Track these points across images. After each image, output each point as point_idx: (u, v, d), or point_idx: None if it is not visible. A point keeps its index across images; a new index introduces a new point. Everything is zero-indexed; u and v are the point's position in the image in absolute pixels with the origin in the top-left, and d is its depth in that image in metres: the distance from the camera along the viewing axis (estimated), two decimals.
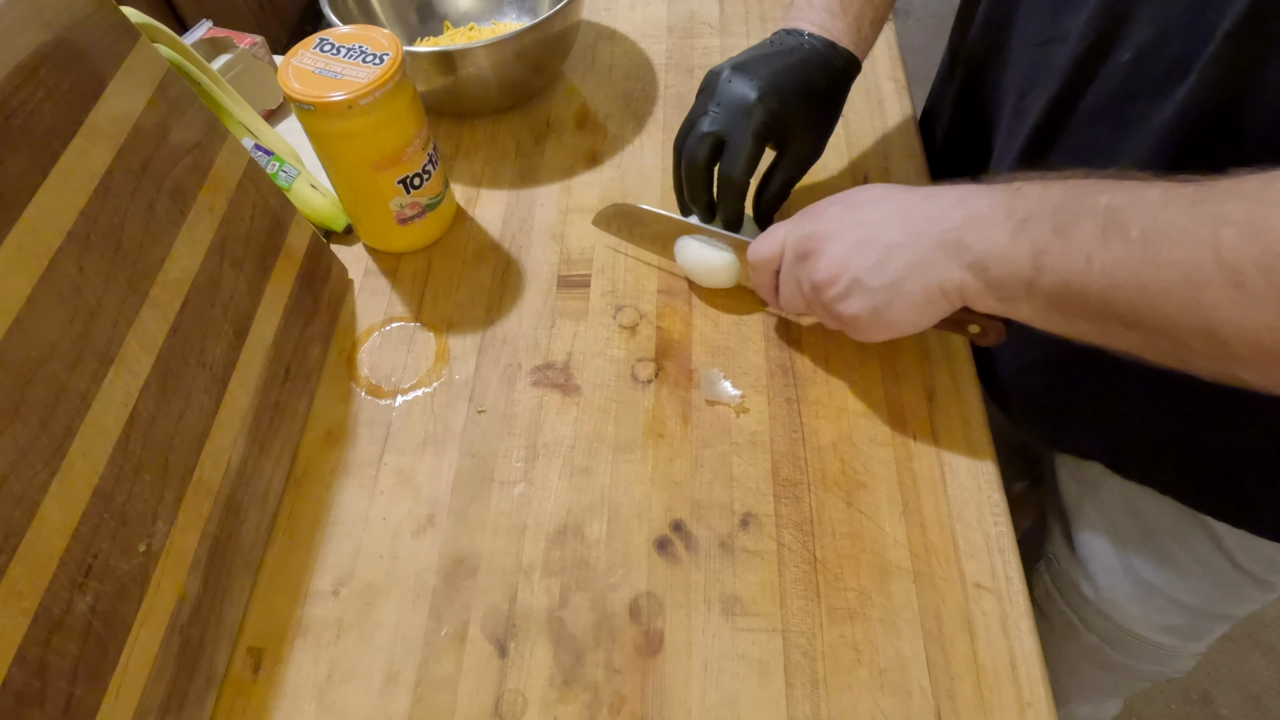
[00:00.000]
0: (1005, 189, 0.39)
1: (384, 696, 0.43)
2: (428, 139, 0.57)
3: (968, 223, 0.39)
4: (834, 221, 0.45)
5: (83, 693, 0.35)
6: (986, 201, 0.39)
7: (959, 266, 0.39)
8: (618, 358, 0.55)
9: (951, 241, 0.39)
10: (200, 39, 0.70)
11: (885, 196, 0.44)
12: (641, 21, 0.79)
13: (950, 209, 0.40)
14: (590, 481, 0.50)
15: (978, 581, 0.44)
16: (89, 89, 0.41)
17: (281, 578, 0.47)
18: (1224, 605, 0.58)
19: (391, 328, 0.58)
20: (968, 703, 0.41)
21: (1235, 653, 1.21)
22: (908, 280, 0.41)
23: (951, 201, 0.40)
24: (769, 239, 0.49)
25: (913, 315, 0.43)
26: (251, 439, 0.48)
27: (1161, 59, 0.39)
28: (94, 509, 0.37)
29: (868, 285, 0.43)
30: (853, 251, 0.43)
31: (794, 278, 0.47)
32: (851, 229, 0.44)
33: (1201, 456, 0.49)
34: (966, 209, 0.39)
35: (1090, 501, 0.59)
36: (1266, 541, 0.51)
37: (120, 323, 0.40)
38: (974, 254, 0.39)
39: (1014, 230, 0.37)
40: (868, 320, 0.44)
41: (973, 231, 0.39)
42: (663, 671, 0.43)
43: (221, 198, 0.49)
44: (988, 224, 0.38)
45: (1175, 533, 0.54)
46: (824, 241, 0.45)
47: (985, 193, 0.39)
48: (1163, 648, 0.63)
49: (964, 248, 0.39)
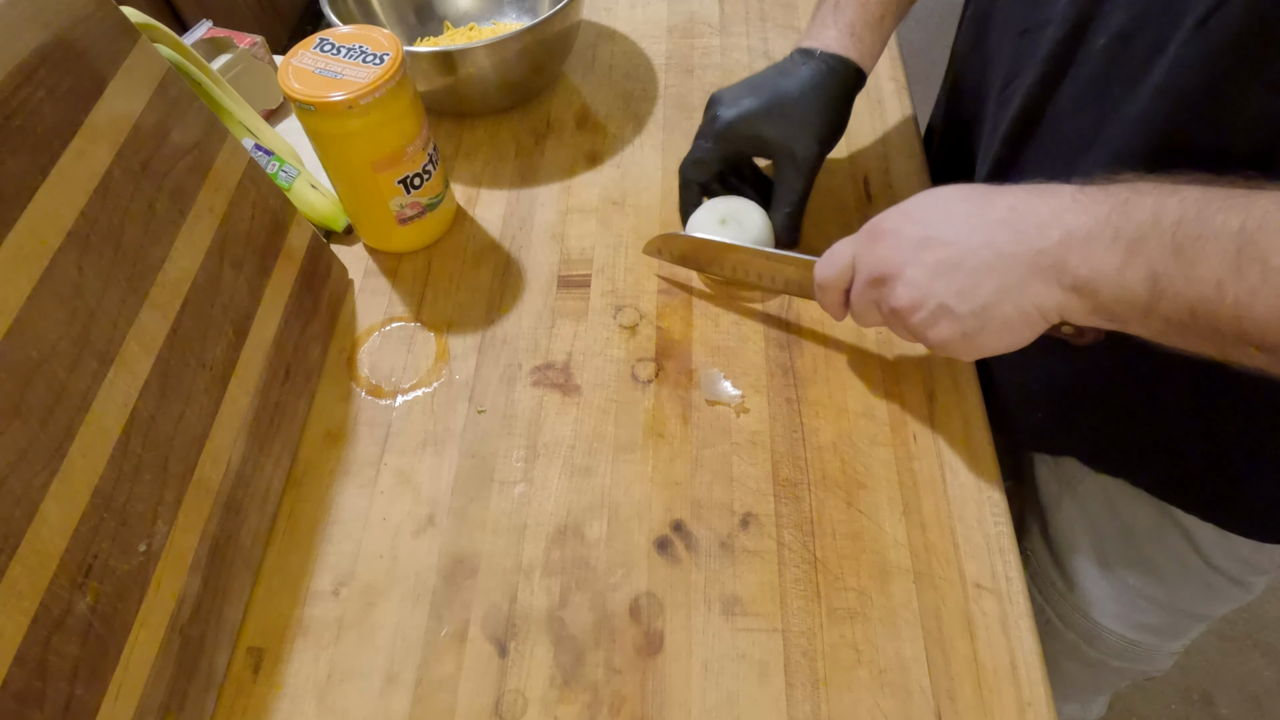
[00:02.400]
0: (1108, 200, 0.35)
1: (384, 696, 0.43)
2: (428, 139, 0.57)
3: (1068, 242, 0.35)
4: (907, 242, 0.41)
5: (83, 693, 0.35)
6: (1089, 217, 0.35)
7: (1060, 289, 0.36)
8: (618, 358, 0.55)
9: (1049, 265, 0.36)
10: (200, 39, 0.70)
11: (960, 206, 0.40)
12: (641, 21, 0.79)
13: (1044, 225, 0.36)
14: (590, 481, 0.50)
15: (978, 581, 0.44)
16: (89, 89, 0.41)
17: (281, 578, 0.47)
18: (1201, 605, 0.58)
19: (391, 328, 0.58)
20: (968, 703, 0.41)
21: (1235, 653, 1.21)
22: (1001, 305, 0.38)
23: (1045, 216, 0.37)
24: (836, 260, 0.46)
25: (1006, 338, 0.40)
26: (251, 439, 0.48)
27: (1136, 45, 0.39)
28: (94, 509, 0.37)
29: (956, 312, 0.40)
30: (934, 276, 0.40)
31: (869, 299, 0.45)
32: (929, 250, 0.40)
33: (1175, 453, 0.50)
34: (1063, 227, 0.36)
35: (1069, 498, 0.59)
36: (1241, 541, 0.51)
37: (120, 323, 0.40)
38: (1078, 277, 0.35)
39: (1125, 253, 0.34)
40: (958, 344, 0.41)
41: (1075, 254, 0.35)
42: (663, 671, 0.43)
43: (221, 198, 0.49)
44: (1092, 246, 0.35)
45: (1151, 532, 0.54)
46: (900, 265, 0.41)
47: (1085, 207, 0.36)
48: (1140, 646, 0.63)
49: (1065, 270, 0.36)
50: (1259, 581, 0.55)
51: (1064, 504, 0.59)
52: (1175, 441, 0.49)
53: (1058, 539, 0.61)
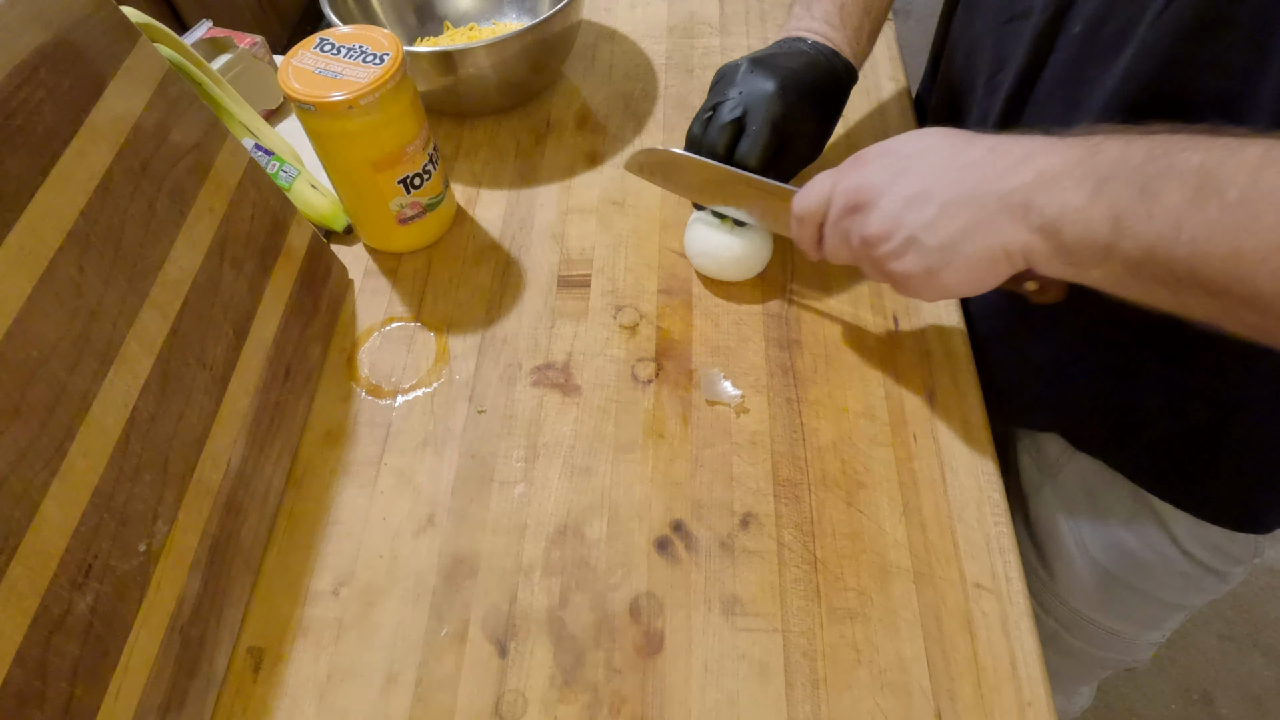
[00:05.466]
0: (1082, 144, 0.35)
1: (384, 696, 0.43)
2: (428, 139, 0.57)
3: (1039, 181, 0.36)
4: (886, 171, 0.42)
5: (83, 693, 0.35)
6: (1061, 159, 0.36)
7: (1026, 229, 0.36)
8: (618, 358, 0.55)
9: (1019, 203, 0.36)
10: (200, 39, 0.70)
11: (941, 145, 0.41)
12: (641, 21, 0.79)
13: (1018, 165, 0.37)
14: (590, 481, 0.50)
15: (978, 581, 0.44)
16: (89, 89, 0.41)
17: (281, 578, 0.47)
18: (1177, 594, 0.58)
19: (391, 328, 0.58)
20: (968, 703, 0.41)
21: (1235, 653, 1.21)
22: (967, 241, 0.39)
23: (1019, 156, 0.37)
24: (815, 189, 0.46)
25: (969, 277, 0.40)
26: (251, 439, 0.48)
27: (1107, 30, 0.40)
28: (94, 509, 0.36)
29: (923, 244, 0.40)
30: (907, 206, 0.40)
31: (842, 230, 0.45)
32: (905, 181, 0.41)
33: (1149, 434, 0.50)
34: (1037, 165, 0.36)
35: (1049, 486, 0.59)
36: (1215, 530, 0.52)
37: (120, 323, 0.40)
38: (1045, 216, 0.36)
39: (1092, 190, 0.34)
40: (920, 280, 0.41)
41: (1044, 191, 0.36)
42: (663, 671, 0.43)
43: (221, 198, 0.49)
44: (1061, 183, 0.35)
45: (1128, 520, 0.55)
46: (876, 194, 0.42)
47: (1058, 148, 0.36)
48: (1120, 635, 0.63)
49: (1033, 209, 0.36)
50: (1236, 572, 0.55)
51: (1044, 491, 0.60)
52: (1150, 423, 0.49)
53: (1038, 527, 0.62)
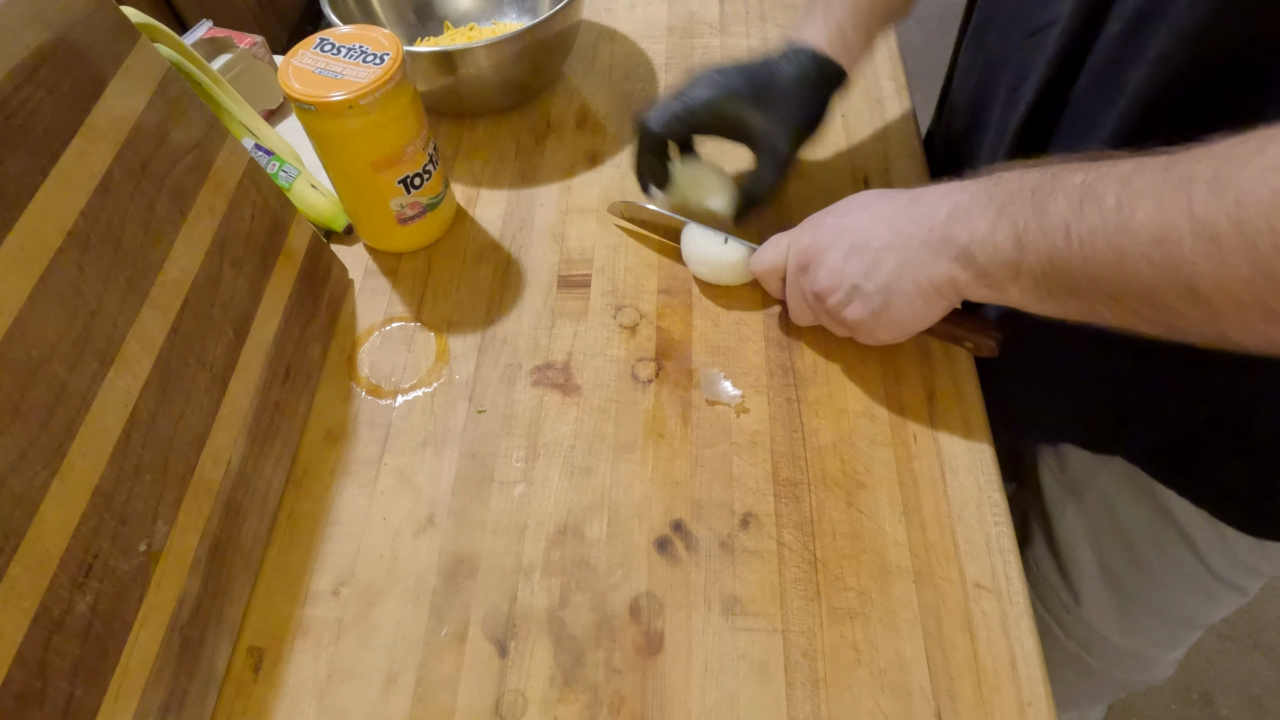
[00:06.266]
0: (986, 180, 0.40)
1: (384, 696, 0.43)
2: (428, 139, 0.57)
3: (952, 216, 0.40)
4: (829, 231, 0.47)
5: (83, 693, 0.35)
6: (969, 194, 0.40)
7: (947, 259, 0.40)
8: (618, 358, 0.55)
9: (938, 238, 0.41)
10: (200, 39, 0.70)
11: (873, 202, 0.46)
12: (641, 21, 0.79)
13: (935, 206, 0.41)
14: (590, 481, 0.50)
15: (978, 581, 0.44)
16: (89, 89, 0.41)
17: (281, 578, 0.47)
18: (1201, 613, 0.58)
19: (391, 328, 0.58)
20: (968, 703, 0.41)
21: (1235, 653, 1.21)
22: (901, 280, 0.43)
23: (935, 199, 0.42)
24: (771, 249, 0.51)
25: (911, 313, 0.44)
26: (251, 439, 0.48)
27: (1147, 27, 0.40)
28: (94, 509, 0.36)
29: (864, 290, 0.44)
30: (847, 258, 0.45)
31: (798, 289, 0.50)
32: (845, 236, 0.45)
33: (1162, 427, 0.50)
34: (950, 203, 0.41)
35: (1073, 505, 0.59)
36: (1240, 543, 0.51)
37: (120, 323, 0.40)
38: (959, 245, 0.40)
39: (995, 215, 0.38)
40: (870, 323, 0.46)
41: (957, 223, 0.40)
42: (663, 671, 0.43)
43: (221, 198, 0.49)
44: (970, 214, 0.39)
45: (1152, 537, 0.54)
46: (821, 252, 0.46)
47: (967, 186, 0.41)
48: (1141, 657, 0.63)
49: (950, 241, 0.40)
50: (1253, 585, 0.55)
51: (1068, 512, 0.59)
52: (1165, 416, 0.49)
53: (1062, 548, 0.61)
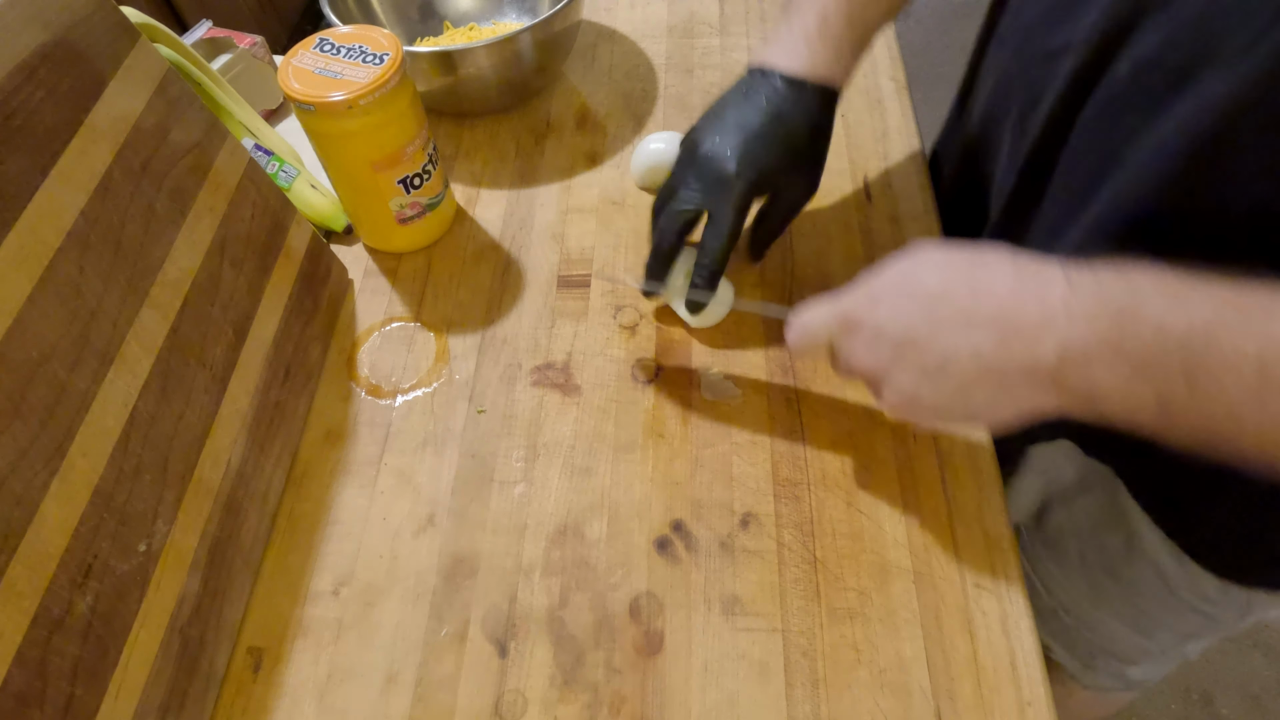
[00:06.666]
0: (1105, 314, 0.32)
1: (384, 696, 0.43)
2: (428, 139, 0.57)
3: (1065, 361, 0.33)
4: (886, 346, 0.39)
5: (83, 693, 0.35)
6: (1085, 333, 0.33)
7: (1057, 394, 0.34)
8: (618, 358, 0.55)
9: (1045, 378, 0.34)
10: (200, 39, 0.70)
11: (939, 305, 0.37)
12: (641, 21, 0.79)
13: (1037, 339, 0.34)
14: (590, 481, 0.50)
15: (978, 581, 0.44)
16: (89, 89, 0.41)
17: (281, 578, 0.47)
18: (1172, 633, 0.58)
19: (391, 328, 0.58)
20: (968, 703, 0.41)
21: (1235, 653, 1.21)
22: (995, 409, 0.37)
23: (1034, 324, 0.34)
24: (808, 335, 0.43)
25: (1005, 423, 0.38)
26: (251, 439, 0.48)
27: (1161, 73, 0.37)
28: (94, 509, 0.36)
29: (950, 412, 0.38)
30: (919, 382, 0.38)
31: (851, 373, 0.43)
32: (910, 355, 0.38)
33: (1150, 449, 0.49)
34: (1058, 341, 0.33)
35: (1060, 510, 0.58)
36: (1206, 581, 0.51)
37: (120, 323, 0.40)
38: (1078, 393, 0.34)
39: (1130, 374, 0.32)
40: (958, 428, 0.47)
41: (1074, 372, 0.33)
42: (663, 671, 0.43)
43: (221, 198, 0.49)
44: (1091, 366, 0.33)
45: (1125, 557, 0.54)
46: (883, 373, 0.39)
47: (1080, 318, 0.33)
48: (1123, 677, 0.65)
49: (1064, 386, 0.34)
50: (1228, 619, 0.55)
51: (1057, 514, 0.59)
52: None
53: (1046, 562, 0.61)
